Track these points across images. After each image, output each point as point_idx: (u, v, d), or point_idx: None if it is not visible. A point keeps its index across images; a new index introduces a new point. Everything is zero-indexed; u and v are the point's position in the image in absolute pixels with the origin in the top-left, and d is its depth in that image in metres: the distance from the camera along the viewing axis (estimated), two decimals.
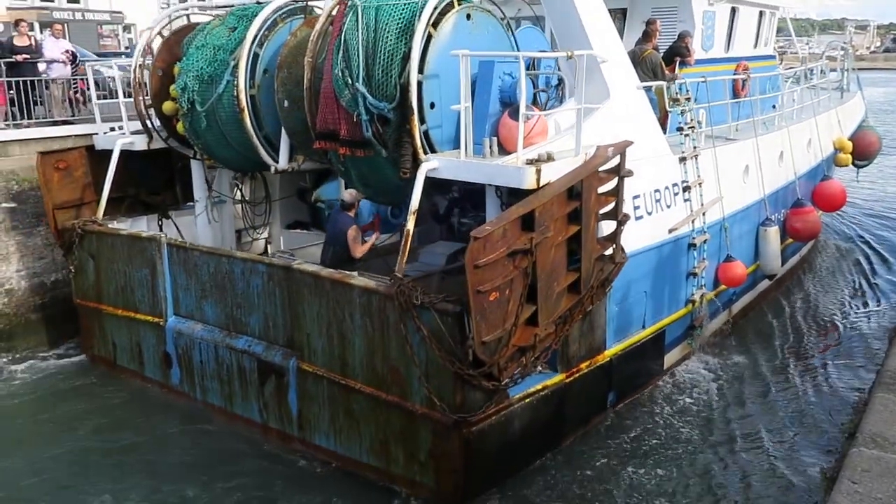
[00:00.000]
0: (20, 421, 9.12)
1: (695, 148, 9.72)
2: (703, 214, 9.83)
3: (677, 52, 11.13)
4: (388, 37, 7.29)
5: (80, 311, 10.36)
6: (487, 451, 7.04)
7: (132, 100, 10.16)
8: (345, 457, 7.70)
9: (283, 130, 8.80)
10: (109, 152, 10.36)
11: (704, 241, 9.88)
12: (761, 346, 11.14)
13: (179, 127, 9.64)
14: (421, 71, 7.13)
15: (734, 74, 12.67)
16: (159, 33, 9.89)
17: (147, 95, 9.80)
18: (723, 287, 10.63)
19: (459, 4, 7.55)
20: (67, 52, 13.56)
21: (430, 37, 7.21)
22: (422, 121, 7.24)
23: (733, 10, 12.88)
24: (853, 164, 15.77)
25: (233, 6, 9.53)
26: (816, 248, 15.68)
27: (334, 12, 7.83)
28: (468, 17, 7.60)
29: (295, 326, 7.77)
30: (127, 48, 28.02)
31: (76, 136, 11.80)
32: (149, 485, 7.64)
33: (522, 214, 6.38)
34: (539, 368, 7.65)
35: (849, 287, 13.93)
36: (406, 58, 7.24)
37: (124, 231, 9.70)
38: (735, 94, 12.47)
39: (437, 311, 6.49)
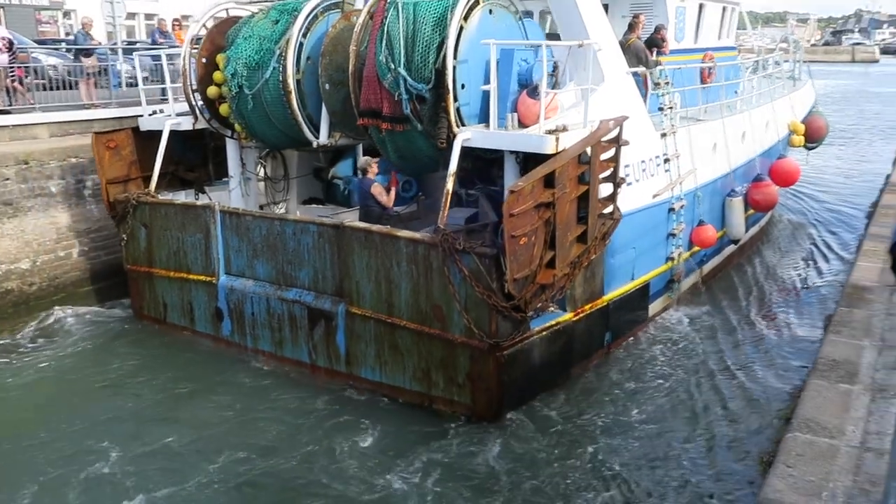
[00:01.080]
0: (84, 367, 10.23)
1: (673, 126, 11.28)
2: (681, 184, 11.39)
3: (655, 43, 12.65)
4: (425, 28, 8.66)
5: (130, 275, 11.51)
6: (515, 373, 8.49)
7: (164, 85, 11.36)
8: (390, 385, 9.07)
9: (323, 110, 10.10)
10: (153, 133, 11.54)
11: (682, 207, 11.45)
12: (727, 302, 12.75)
13: (223, 109, 10.85)
14: (455, 57, 8.50)
15: (702, 63, 14.28)
16: (203, 25, 11.05)
17: (193, 81, 10.95)
18: (696, 248, 12.22)
19: (483, 1, 8.94)
20: (3, 39, 13.91)
21: (461, 28, 8.59)
22: (455, 99, 8.62)
23: (700, 6, 14.49)
24: (805, 145, 17.58)
25: (273, 1, 10.78)
26: (772, 221, 17.45)
27: (374, 8, 9.17)
28: (490, 11, 9.01)
29: (344, 276, 9.10)
30: (68, 34, 27.53)
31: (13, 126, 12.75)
32: (203, 415, 8.89)
33: (546, 174, 7.82)
34: (552, 308, 9.14)
35: (801, 254, 15.73)
36: (440, 46, 8.61)
37: (179, 201, 10.90)
38: (702, 81, 14.09)
39: (477, 255, 7.90)
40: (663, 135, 11.06)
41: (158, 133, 11.46)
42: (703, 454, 8.11)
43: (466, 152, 8.75)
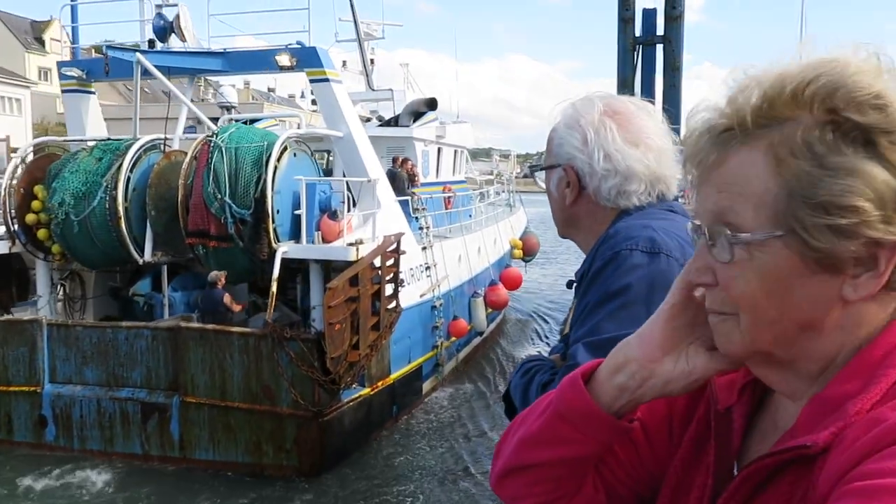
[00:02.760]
0: None
1: (430, 241, 14.43)
2: (439, 286, 14.47)
3: (410, 177, 15.99)
4: (245, 167, 10.96)
5: None
6: (333, 435, 10.56)
7: None
8: (223, 461, 10.61)
9: (148, 232, 11.75)
10: None
11: (441, 305, 14.47)
12: (480, 381, 15.89)
13: (41, 233, 12.02)
14: (273, 189, 10.86)
15: (443, 193, 17.93)
16: (23, 159, 12.24)
17: (11, 209, 12.01)
18: (454, 338, 15.27)
19: (289, 146, 11.49)
20: None
21: (275, 167, 11.01)
22: (273, 221, 10.91)
23: (439, 149, 18.31)
24: (522, 258, 21.97)
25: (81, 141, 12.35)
26: (505, 318, 21.35)
27: (198, 150, 11.29)
28: (294, 154, 11.56)
29: (179, 371, 10.65)
30: None
31: None
32: None
33: (351, 276, 10.32)
34: (354, 385, 11.41)
35: (528, 341, 19.60)
36: (258, 180, 10.95)
37: (3, 318, 11.63)
38: (445, 207, 17.68)
39: (302, 340, 10.07)
40: (423, 248, 14.14)
41: None
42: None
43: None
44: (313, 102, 21.65)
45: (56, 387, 11.26)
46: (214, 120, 14.43)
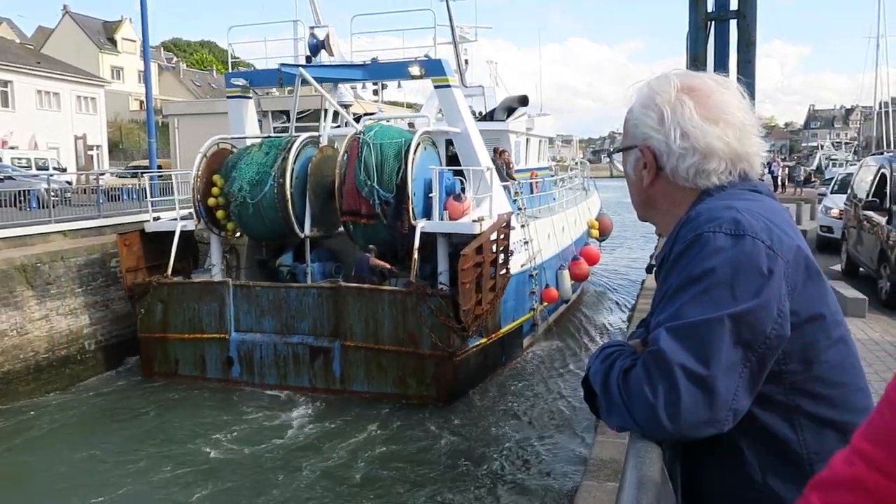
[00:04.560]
0: (106, 407, 13.46)
1: (526, 220, 16.97)
2: (534, 259, 17.02)
3: (507, 164, 18.53)
4: (389, 159, 13.69)
5: (143, 342, 14.89)
6: (462, 373, 13.27)
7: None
8: (375, 392, 13.42)
9: (307, 211, 14.61)
10: (156, 234, 15.29)
11: (536, 274, 17.03)
12: (568, 339, 18.42)
13: (219, 214, 15.00)
14: (411, 176, 13.57)
15: (530, 179, 20.42)
16: (204, 155, 15.23)
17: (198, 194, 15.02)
18: (546, 303, 17.81)
19: (421, 142, 14.17)
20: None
21: (412, 159, 13.70)
22: (412, 203, 13.61)
23: (527, 140, 20.82)
24: (598, 238, 24.35)
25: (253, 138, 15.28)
26: (584, 290, 23.80)
27: (348, 146, 14.06)
28: (425, 148, 14.24)
29: (340, 321, 13.47)
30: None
31: None
32: (231, 420, 12.72)
33: (477, 245, 12.95)
34: (475, 335, 14.09)
35: (606, 309, 22.04)
36: (398, 170, 13.66)
37: (197, 280, 14.69)
38: (532, 190, 20.17)
39: (441, 296, 12.76)
40: (522, 226, 16.70)
41: (160, 234, 15.25)
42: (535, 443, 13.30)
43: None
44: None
45: (240, 334, 14.25)
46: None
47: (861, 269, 13.87)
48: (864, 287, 11.94)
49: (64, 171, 31.27)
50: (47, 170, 27.82)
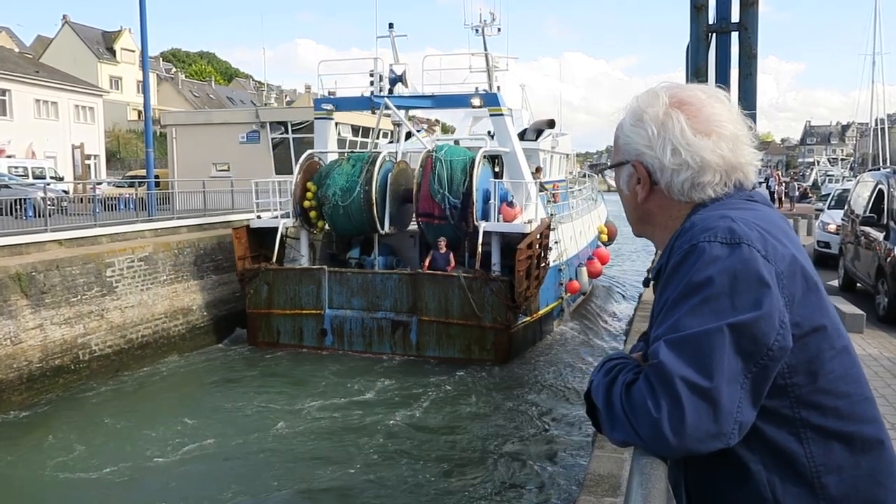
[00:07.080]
0: (219, 372, 16.92)
1: (556, 223, 20.59)
2: (562, 256, 20.65)
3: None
4: (457, 172, 17.28)
5: (250, 316, 18.34)
6: (515, 342, 16.85)
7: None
8: (445, 356, 16.95)
9: (386, 213, 18.16)
10: (260, 230, 18.79)
11: (564, 269, 20.65)
12: (586, 323, 22.06)
13: (312, 214, 18.53)
14: (475, 187, 17.15)
15: (552, 190, 24.05)
16: (301, 166, 18.74)
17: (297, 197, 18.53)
18: (568, 294, 21.44)
19: (480, 158, 17.77)
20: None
21: (476, 173, 17.29)
22: (474, 207, 17.18)
23: (551, 157, 24.50)
24: (605, 242, 28.06)
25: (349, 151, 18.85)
26: (594, 285, 27.50)
27: (424, 162, 17.63)
28: (483, 164, 17.85)
29: (417, 300, 17.00)
30: None
31: None
32: (323, 383, 16.22)
33: (529, 241, 16.54)
34: (523, 314, 17.67)
35: (614, 304, 25.74)
36: (464, 181, 17.25)
37: (298, 267, 18.21)
38: (553, 200, 23.80)
39: (501, 281, 16.35)
40: (553, 229, 20.32)
41: (264, 230, 18.76)
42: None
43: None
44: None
45: (333, 311, 17.76)
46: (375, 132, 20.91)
47: (858, 284, 13.89)
48: (861, 303, 12.28)
49: (61, 179, 31.11)
50: (44, 178, 28.01)
